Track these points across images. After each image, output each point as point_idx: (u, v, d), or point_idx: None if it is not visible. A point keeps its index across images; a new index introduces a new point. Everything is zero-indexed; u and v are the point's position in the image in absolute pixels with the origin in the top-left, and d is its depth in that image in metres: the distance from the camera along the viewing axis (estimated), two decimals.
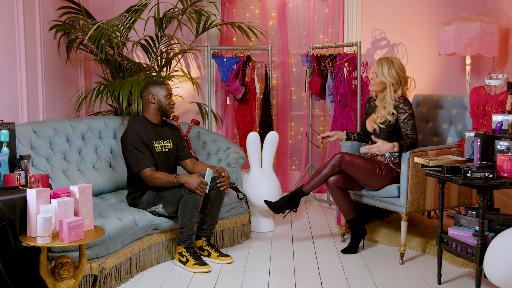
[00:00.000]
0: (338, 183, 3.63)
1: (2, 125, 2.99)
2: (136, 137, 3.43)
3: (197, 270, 3.38)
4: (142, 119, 3.59)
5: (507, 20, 4.51)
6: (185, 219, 3.39)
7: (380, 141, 3.50)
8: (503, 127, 3.01)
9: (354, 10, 5.14)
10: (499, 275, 2.63)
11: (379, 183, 3.63)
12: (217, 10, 5.08)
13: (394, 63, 3.61)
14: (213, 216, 3.62)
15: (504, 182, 2.72)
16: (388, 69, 3.60)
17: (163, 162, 3.59)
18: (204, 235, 3.64)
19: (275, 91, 5.35)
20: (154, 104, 3.56)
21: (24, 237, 2.61)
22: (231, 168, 4.21)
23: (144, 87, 3.59)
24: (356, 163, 3.61)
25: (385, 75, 3.61)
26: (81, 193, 2.73)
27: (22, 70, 3.81)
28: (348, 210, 3.71)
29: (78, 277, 2.73)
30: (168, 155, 3.65)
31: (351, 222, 3.74)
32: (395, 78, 3.60)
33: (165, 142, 3.63)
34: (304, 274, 3.37)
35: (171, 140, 3.68)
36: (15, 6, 3.73)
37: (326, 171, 3.65)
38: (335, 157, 3.64)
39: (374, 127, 3.71)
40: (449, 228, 3.10)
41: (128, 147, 3.43)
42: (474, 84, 4.87)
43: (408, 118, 3.58)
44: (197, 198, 3.37)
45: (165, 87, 3.58)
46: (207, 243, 3.64)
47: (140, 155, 3.42)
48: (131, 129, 3.47)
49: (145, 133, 3.50)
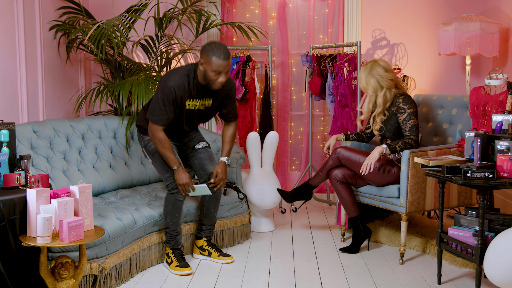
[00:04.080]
0: (338, 176, 3.70)
1: (2, 125, 2.99)
2: (170, 93, 3.20)
3: (178, 272, 3.35)
4: (191, 71, 3.29)
5: (507, 20, 4.51)
6: (167, 219, 3.39)
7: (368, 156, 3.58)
8: (503, 127, 3.01)
9: (354, 10, 5.14)
10: (499, 275, 2.63)
11: (379, 179, 3.62)
12: (217, 10, 5.08)
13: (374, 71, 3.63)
14: (210, 217, 3.61)
15: (504, 182, 2.72)
16: (365, 77, 3.65)
17: (189, 119, 3.42)
18: (204, 235, 3.64)
19: (275, 91, 5.35)
20: (201, 69, 3.25)
21: (24, 237, 2.61)
22: (231, 168, 4.21)
23: (204, 48, 3.25)
24: (353, 158, 3.65)
25: (363, 84, 3.68)
26: (81, 193, 2.73)
27: (22, 70, 3.81)
28: (349, 207, 3.72)
29: (78, 277, 2.73)
30: (201, 113, 3.44)
31: (352, 220, 3.74)
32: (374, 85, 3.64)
33: (204, 100, 3.39)
34: (304, 274, 3.37)
35: (211, 98, 3.42)
36: (15, 6, 3.73)
37: (328, 164, 3.78)
38: (334, 152, 3.77)
39: (381, 127, 3.73)
40: (449, 228, 3.10)
41: (159, 93, 3.24)
42: (474, 84, 4.87)
43: (407, 118, 3.58)
44: (177, 200, 3.37)
45: (217, 63, 3.16)
46: (207, 243, 3.64)
47: (162, 110, 3.23)
48: (174, 82, 3.22)
49: (183, 91, 3.25)
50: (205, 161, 3.55)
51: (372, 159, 3.53)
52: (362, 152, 3.70)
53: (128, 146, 4.09)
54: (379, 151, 3.53)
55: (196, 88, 3.31)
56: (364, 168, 3.55)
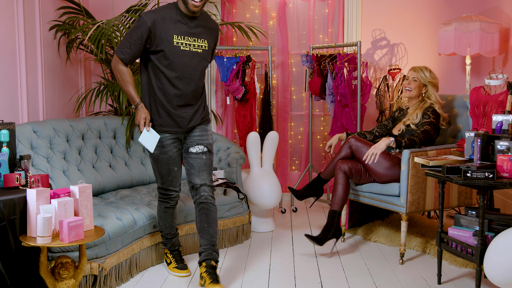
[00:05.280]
0: (344, 167, 3.66)
1: (2, 125, 2.99)
2: (140, 24, 2.87)
3: (175, 274, 3.32)
4: (174, 5, 2.98)
5: (507, 20, 4.51)
6: (160, 223, 3.32)
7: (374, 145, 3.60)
8: (503, 127, 3.01)
9: (354, 10, 5.14)
10: (499, 275, 2.63)
11: (384, 173, 3.61)
12: (217, 10, 5.08)
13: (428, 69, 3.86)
14: (205, 234, 3.04)
15: (504, 182, 2.72)
16: (429, 72, 3.82)
17: (187, 66, 2.97)
18: (202, 258, 3.03)
19: (275, 91, 5.35)
20: None
21: (24, 237, 2.61)
22: (231, 168, 4.21)
23: None
24: (363, 148, 3.67)
25: (427, 77, 3.80)
26: (81, 193, 2.73)
27: (22, 70, 3.81)
28: (337, 199, 3.65)
29: (78, 277, 2.73)
30: (201, 58, 3.02)
31: (331, 213, 3.63)
32: (434, 79, 3.83)
33: (199, 41, 3.01)
34: (304, 274, 3.37)
35: (206, 40, 3.04)
36: (15, 6, 3.73)
37: (341, 154, 3.78)
38: (346, 141, 3.79)
39: (401, 128, 3.80)
40: (449, 228, 3.10)
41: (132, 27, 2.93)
42: (474, 84, 4.87)
43: (426, 123, 3.68)
44: (166, 208, 3.26)
45: None
46: (206, 270, 3.00)
47: (127, 41, 2.91)
48: (148, 14, 2.90)
49: (161, 21, 2.89)
50: (193, 170, 3.08)
51: (378, 149, 3.55)
52: (372, 144, 3.70)
53: (128, 146, 4.10)
54: (387, 142, 3.56)
55: (181, 21, 2.94)
56: (369, 157, 3.56)
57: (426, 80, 3.79)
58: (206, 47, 3.03)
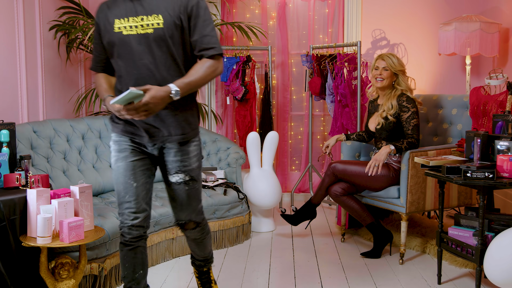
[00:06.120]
0: (337, 191, 3.66)
1: (2, 125, 2.99)
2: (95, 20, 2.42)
3: None
4: None
5: (507, 20, 4.51)
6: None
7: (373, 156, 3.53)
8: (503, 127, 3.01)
9: (354, 10, 5.14)
10: (499, 275, 2.63)
11: (377, 185, 3.62)
12: (217, 10, 5.08)
13: (395, 55, 3.74)
14: (197, 253, 2.77)
15: (504, 182, 2.72)
16: (396, 59, 3.70)
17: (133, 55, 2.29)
18: (194, 264, 2.86)
19: (275, 91, 5.35)
20: None
21: (24, 237, 2.61)
22: (231, 168, 4.21)
23: None
24: (349, 170, 3.62)
25: (396, 64, 3.68)
26: (81, 193, 2.73)
27: (22, 70, 3.81)
28: (361, 215, 3.66)
29: (78, 277, 2.73)
30: (154, 40, 2.27)
31: (369, 226, 3.67)
32: (403, 66, 3.72)
33: (149, 18, 2.28)
34: (304, 274, 3.37)
35: (161, 15, 2.27)
36: (15, 6, 3.73)
37: (326, 181, 3.73)
38: (328, 168, 3.72)
39: (379, 122, 3.66)
40: (449, 228, 3.10)
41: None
42: (474, 84, 4.87)
43: (411, 117, 3.56)
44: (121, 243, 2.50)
45: None
46: (198, 276, 2.87)
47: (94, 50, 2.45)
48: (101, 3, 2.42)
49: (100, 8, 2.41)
50: (175, 203, 2.55)
51: (380, 160, 3.47)
52: (357, 162, 3.69)
53: None
54: (387, 151, 3.47)
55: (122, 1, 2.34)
56: (371, 169, 3.49)
57: (397, 68, 3.67)
58: (161, 24, 2.26)
